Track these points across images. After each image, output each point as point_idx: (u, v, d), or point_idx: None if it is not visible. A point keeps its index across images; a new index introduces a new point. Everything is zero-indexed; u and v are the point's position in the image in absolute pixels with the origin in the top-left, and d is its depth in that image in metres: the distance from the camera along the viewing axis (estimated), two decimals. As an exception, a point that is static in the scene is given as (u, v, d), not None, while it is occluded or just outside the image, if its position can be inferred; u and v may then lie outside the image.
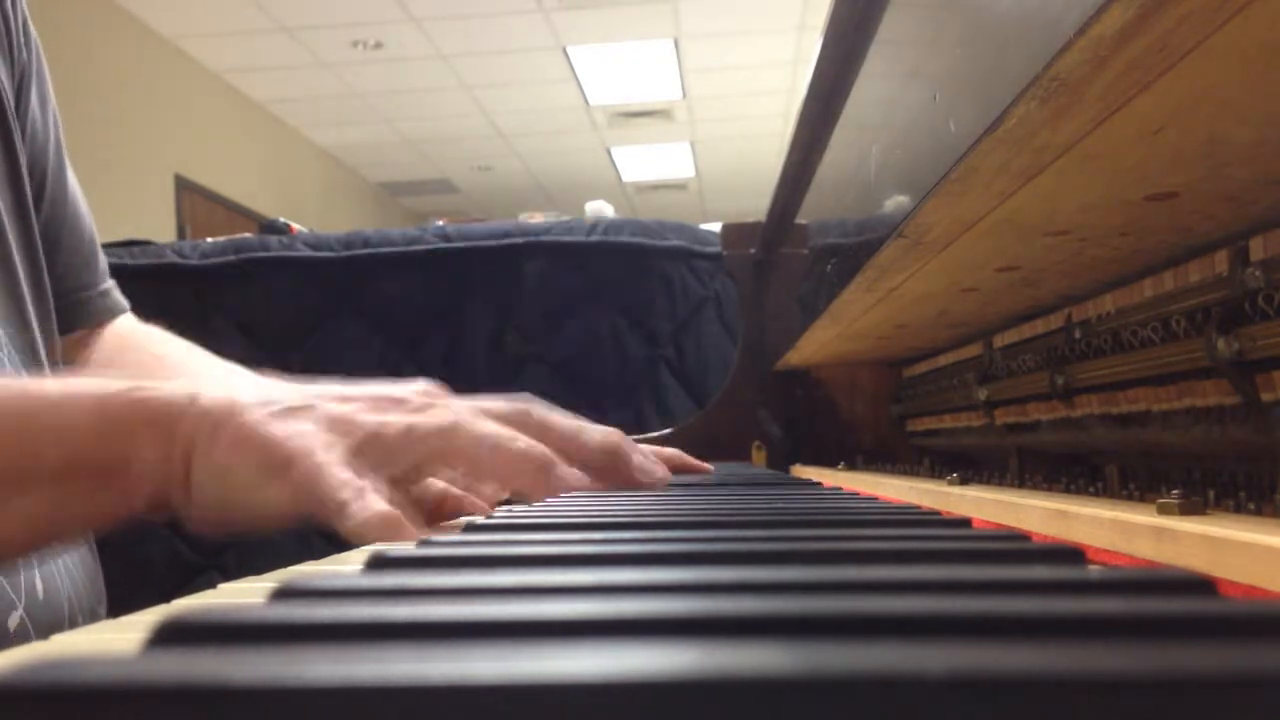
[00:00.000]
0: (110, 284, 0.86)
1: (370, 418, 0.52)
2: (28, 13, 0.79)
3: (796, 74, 6.07)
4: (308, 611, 0.19)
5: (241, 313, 1.80)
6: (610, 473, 0.60)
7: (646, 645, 0.16)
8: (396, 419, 0.52)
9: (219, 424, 0.49)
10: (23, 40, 0.77)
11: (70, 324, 0.80)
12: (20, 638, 0.60)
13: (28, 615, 0.61)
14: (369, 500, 0.47)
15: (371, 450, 0.50)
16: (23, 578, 0.62)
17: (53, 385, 0.50)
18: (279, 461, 0.48)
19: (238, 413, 0.49)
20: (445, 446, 0.52)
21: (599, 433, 0.60)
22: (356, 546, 0.46)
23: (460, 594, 0.23)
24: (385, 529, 0.46)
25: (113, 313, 0.84)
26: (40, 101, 0.79)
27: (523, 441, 0.54)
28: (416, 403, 0.54)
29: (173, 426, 0.49)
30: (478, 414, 0.54)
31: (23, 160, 0.74)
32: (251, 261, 1.81)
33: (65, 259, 0.80)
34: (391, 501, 0.48)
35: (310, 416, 0.51)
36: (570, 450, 0.57)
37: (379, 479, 0.50)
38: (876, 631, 0.17)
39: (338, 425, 0.51)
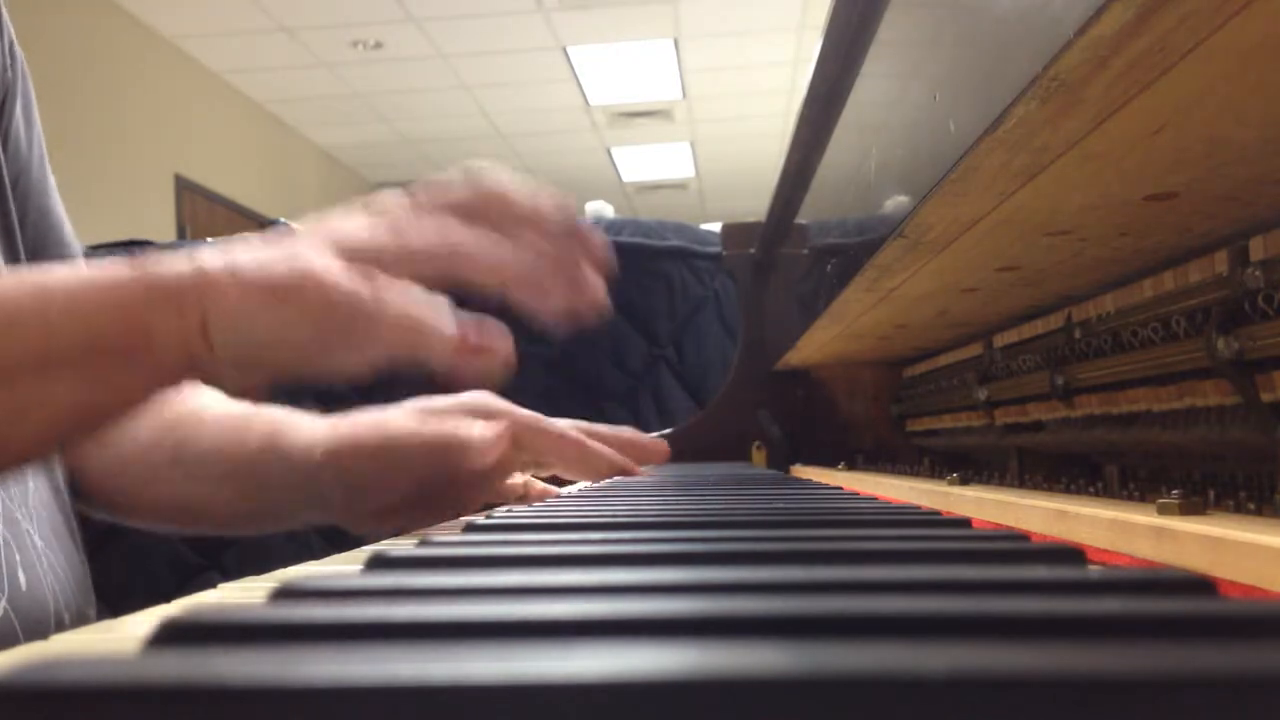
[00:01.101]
0: None
1: (361, 234, 0.52)
2: (13, 33, 0.79)
3: (796, 74, 6.07)
4: (308, 611, 0.19)
5: (241, 313, 1.80)
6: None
7: (647, 645, 0.16)
8: (387, 239, 0.52)
9: (224, 283, 0.50)
10: (8, 60, 0.77)
11: None
12: (4, 627, 0.60)
13: (11, 606, 0.61)
14: (391, 293, 0.48)
15: (363, 256, 0.51)
16: (4, 569, 0.62)
17: (65, 275, 0.51)
18: (289, 289, 0.49)
19: (238, 268, 0.51)
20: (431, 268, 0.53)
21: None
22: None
23: (460, 594, 0.23)
24: (417, 319, 0.48)
25: None
26: (25, 121, 0.78)
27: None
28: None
29: (183, 297, 0.50)
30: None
31: (6, 180, 0.74)
32: (251, 261, 1.81)
33: None
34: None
35: (301, 245, 0.52)
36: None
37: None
38: (876, 631, 0.17)
39: (326, 243, 0.52)
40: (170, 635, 0.18)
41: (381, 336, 0.48)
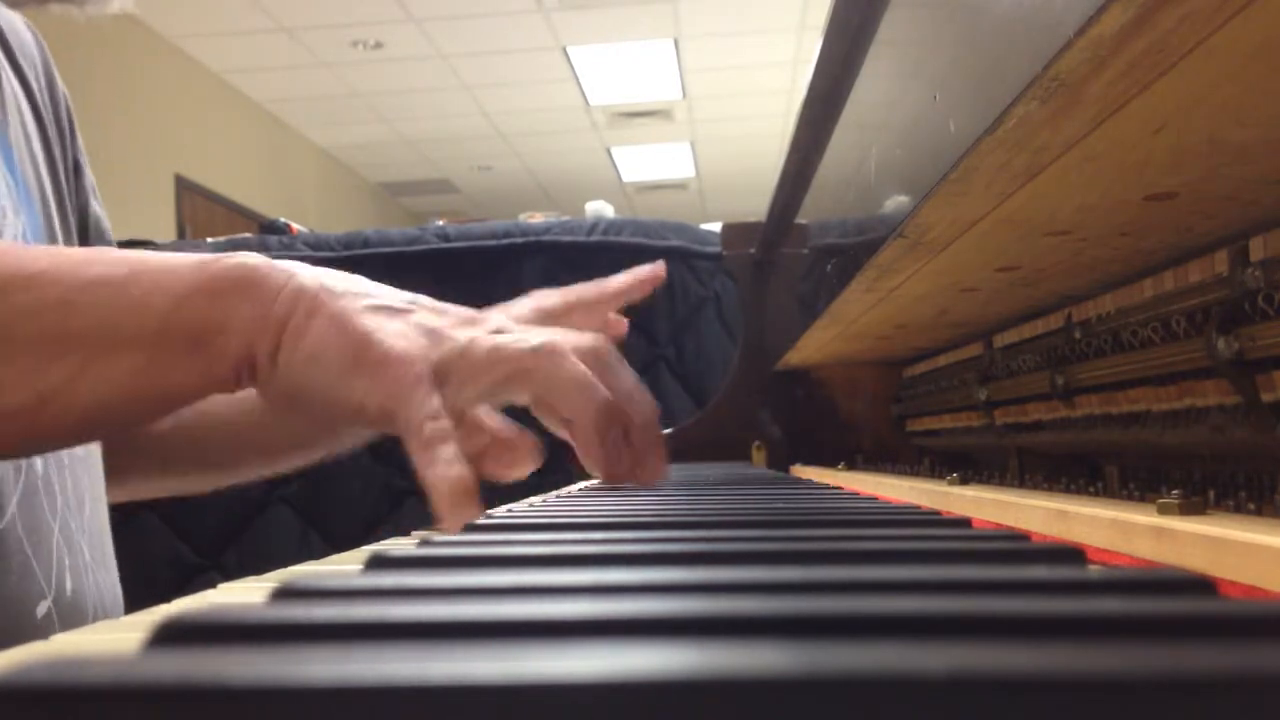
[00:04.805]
0: None
1: (461, 333, 0.51)
2: (55, 68, 0.82)
3: (796, 74, 6.07)
4: (308, 611, 0.19)
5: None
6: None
7: (646, 645, 0.16)
8: (485, 338, 0.51)
9: (315, 305, 0.48)
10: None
11: None
12: (46, 628, 0.60)
13: (56, 607, 0.61)
14: (451, 452, 0.46)
15: (456, 368, 0.50)
16: (54, 570, 0.62)
17: (155, 255, 0.50)
18: (374, 358, 0.48)
19: (334, 297, 0.49)
20: (528, 369, 0.51)
21: (649, 407, 0.59)
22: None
23: (460, 594, 0.23)
24: (458, 496, 0.45)
25: None
26: (75, 148, 0.82)
27: (603, 395, 0.52)
28: (502, 324, 0.54)
29: (272, 296, 0.48)
30: (566, 346, 0.53)
31: (73, 221, 0.77)
32: (251, 261, 1.81)
33: None
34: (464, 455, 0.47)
35: (405, 319, 0.50)
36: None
37: (457, 402, 0.49)
38: (876, 631, 0.17)
39: (430, 335, 0.50)
40: (170, 635, 0.18)
41: (423, 475, 0.46)
